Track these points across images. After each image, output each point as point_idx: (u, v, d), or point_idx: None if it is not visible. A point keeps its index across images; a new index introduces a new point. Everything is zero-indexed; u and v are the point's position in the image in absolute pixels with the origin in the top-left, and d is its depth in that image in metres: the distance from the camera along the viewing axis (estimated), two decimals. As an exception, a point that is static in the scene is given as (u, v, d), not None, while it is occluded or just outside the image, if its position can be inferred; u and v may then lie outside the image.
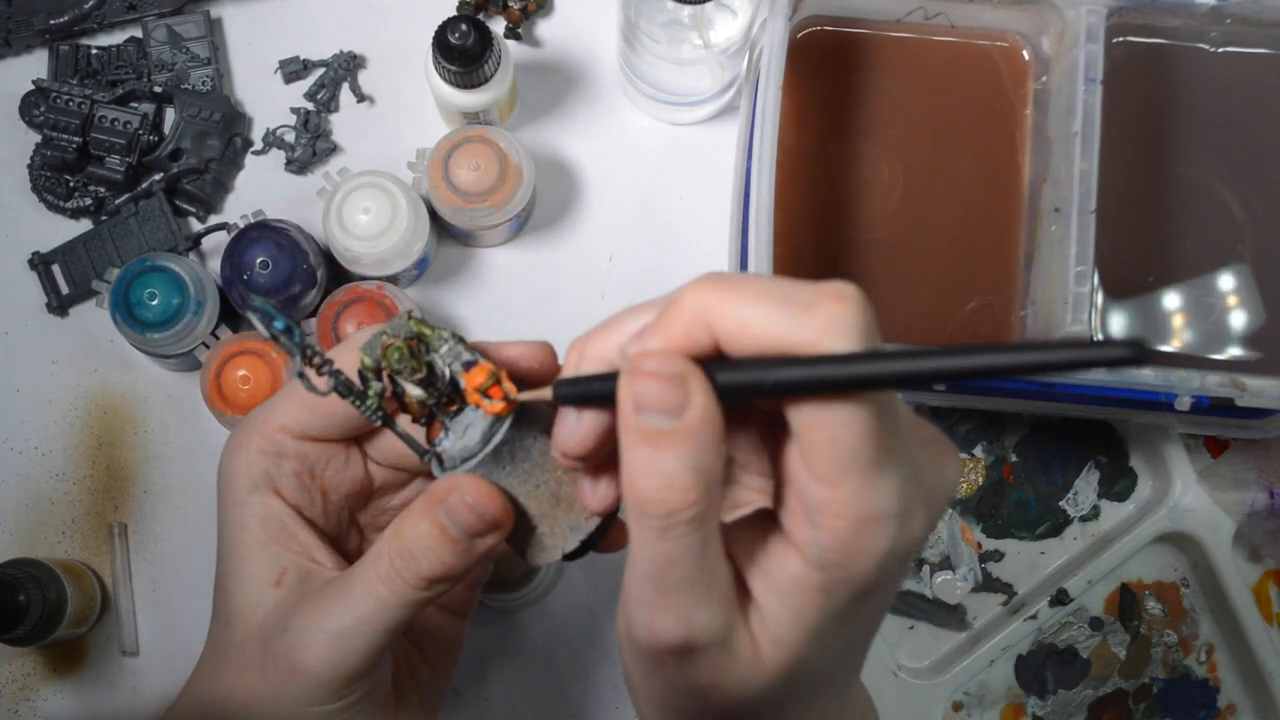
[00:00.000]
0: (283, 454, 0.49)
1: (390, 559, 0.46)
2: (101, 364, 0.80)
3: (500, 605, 0.75)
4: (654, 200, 0.82)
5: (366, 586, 0.46)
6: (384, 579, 0.46)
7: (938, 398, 0.72)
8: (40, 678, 0.78)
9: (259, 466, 0.49)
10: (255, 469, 0.49)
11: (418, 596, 0.46)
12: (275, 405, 0.50)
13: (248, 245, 0.74)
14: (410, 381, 0.46)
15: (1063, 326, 0.70)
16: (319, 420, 0.49)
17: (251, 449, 0.49)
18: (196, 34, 0.81)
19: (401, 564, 0.46)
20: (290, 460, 0.50)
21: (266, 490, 0.49)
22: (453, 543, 0.46)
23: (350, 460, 0.51)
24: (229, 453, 0.50)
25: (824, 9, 0.77)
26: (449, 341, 0.46)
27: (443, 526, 0.45)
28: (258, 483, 0.49)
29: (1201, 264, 0.77)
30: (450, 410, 0.46)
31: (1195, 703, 0.80)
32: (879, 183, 0.78)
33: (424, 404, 0.46)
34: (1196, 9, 0.74)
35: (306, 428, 0.49)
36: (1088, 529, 0.80)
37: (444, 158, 0.75)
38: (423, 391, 0.46)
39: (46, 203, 0.80)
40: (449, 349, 0.46)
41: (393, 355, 0.45)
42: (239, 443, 0.50)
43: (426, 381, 0.46)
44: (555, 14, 0.83)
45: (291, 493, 0.50)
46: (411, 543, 0.46)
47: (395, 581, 0.46)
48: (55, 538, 0.79)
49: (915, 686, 0.76)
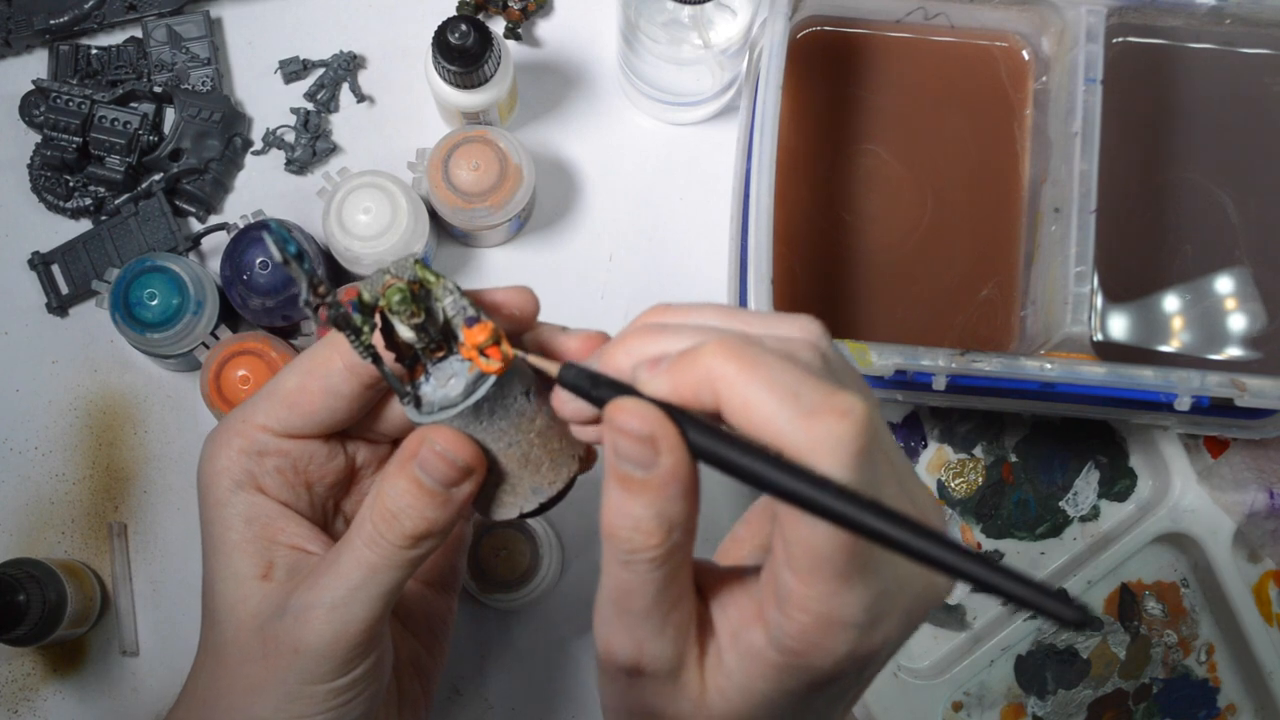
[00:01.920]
0: (265, 452, 0.49)
1: (374, 523, 0.46)
2: (101, 364, 0.80)
3: (500, 605, 0.75)
4: (654, 200, 0.82)
5: (354, 554, 0.46)
6: (370, 543, 0.46)
7: (938, 398, 0.72)
8: (40, 678, 0.78)
9: (241, 466, 0.49)
10: (237, 468, 0.49)
11: (406, 556, 0.46)
12: (256, 404, 0.50)
13: (248, 245, 0.74)
14: (406, 323, 0.45)
15: (1062, 326, 0.70)
16: (301, 417, 0.49)
17: (233, 449, 0.49)
18: (196, 34, 0.81)
19: (385, 526, 0.46)
20: (273, 458, 0.49)
21: (250, 488, 0.49)
22: (430, 495, 0.46)
23: (333, 452, 0.51)
24: (209, 454, 0.50)
25: (824, 9, 0.77)
26: (454, 294, 0.46)
27: (418, 480, 0.46)
28: (240, 482, 0.49)
29: (1201, 263, 0.77)
30: (436, 356, 0.47)
31: (1195, 703, 0.80)
32: (879, 183, 0.78)
33: (411, 346, 0.46)
34: (1196, 9, 0.74)
35: (289, 426, 0.49)
36: (1088, 529, 0.80)
37: (444, 158, 0.75)
38: (414, 335, 0.46)
39: (46, 203, 0.80)
40: (453, 301, 0.46)
41: (393, 295, 0.45)
42: (219, 443, 0.50)
43: (420, 326, 0.46)
44: (555, 14, 0.83)
45: (276, 489, 0.50)
46: (391, 502, 0.46)
47: (381, 544, 0.46)
48: (55, 538, 0.79)
49: (915, 686, 0.76)
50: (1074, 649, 0.80)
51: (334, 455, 0.51)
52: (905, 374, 0.69)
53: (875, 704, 0.75)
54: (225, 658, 0.48)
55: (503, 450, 0.47)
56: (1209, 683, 0.80)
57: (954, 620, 0.79)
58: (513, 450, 0.47)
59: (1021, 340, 0.75)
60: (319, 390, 0.48)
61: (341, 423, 0.50)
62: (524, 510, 0.48)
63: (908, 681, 0.76)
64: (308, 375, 0.48)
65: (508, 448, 0.47)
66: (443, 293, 0.46)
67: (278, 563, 0.49)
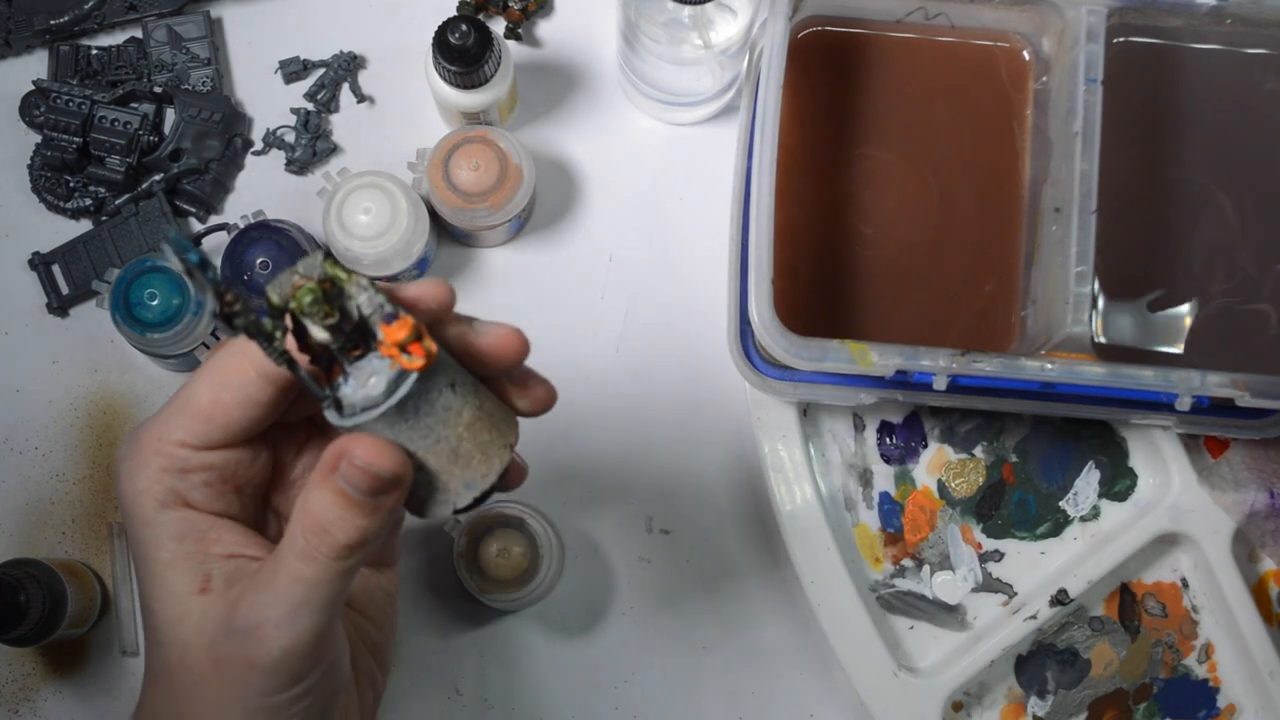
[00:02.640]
0: (188, 469, 0.48)
1: (305, 537, 0.45)
2: (101, 364, 0.80)
3: (500, 605, 0.75)
4: (654, 200, 0.82)
5: (290, 571, 0.45)
6: (304, 558, 0.45)
7: (938, 398, 0.72)
8: (40, 678, 0.78)
9: (164, 485, 0.47)
10: (160, 488, 0.47)
11: (343, 566, 0.45)
12: (169, 420, 0.48)
13: (248, 245, 0.74)
14: (319, 324, 0.44)
15: (1063, 327, 0.70)
16: (220, 430, 0.48)
17: (152, 468, 0.48)
18: (196, 34, 0.81)
19: (317, 540, 0.45)
20: (197, 473, 0.48)
21: (177, 505, 0.48)
22: (358, 505, 0.45)
23: (256, 453, 0.50)
24: (126, 473, 0.48)
25: (824, 9, 0.77)
26: (368, 290, 0.44)
27: (343, 492, 0.45)
28: (165, 501, 0.48)
29: (1201, 263, 0.77)
30: (353, 355, 0.45)
31: (1195, 703, 0.80)
32: (879, 183, 0.78)
33: (326, 347, 0.45)
34: (1196, 9, 0.74)
35: (207, 439, 0.48)
36: (1088, 529, 0.80)
37: (444, 158, 0.75)
38: (329, 335, 0.44)
39: (46, 203, 0.80)
40: (369, 298, 0.44)
41: (304, 296, 0.44)
42: (136, 464, 0.48)
43: (335, 326, 0.44)
44: (555, 14, 0.83)
45: (206, 501, 0.48)
46: (319, 516, 0.45)
47: (316, 558, 0.45)
48: (55, 538, 0.79)
49: (915, 686, 0.76)
50: (1074, 649, 0.80)
51: (258, 455, 0.50)
52: (905, 374, 0.69)
53: (875, 704, 0.75)
54: (177, 682, 0.47)
55: (430, 447, 0.45)
56: (1209, 683, 0.80)
57: (954, 620, 0.79)
58: (441, 446, 0.45)
59: (1022, 340, 0.75)
60: (234, 402, 0.47)
61: (261, 427, 0.49)
62: (457, 506, 0.46)
63: (908, 681, 0.76)
64: (221, 388, 0.47)
65: (435, 444, 0.45)
66: (356, 290, 0.44)
67: (214, 574, 0.47)
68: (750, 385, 0.75)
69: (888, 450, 0.80)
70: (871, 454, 0.80)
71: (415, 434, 0.45)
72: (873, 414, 0.80)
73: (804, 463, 0.76)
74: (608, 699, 0.78)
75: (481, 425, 0.46)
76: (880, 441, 0.80)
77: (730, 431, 0.80)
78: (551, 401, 0.50)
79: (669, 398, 0.80)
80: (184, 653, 0.47)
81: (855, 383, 0.73)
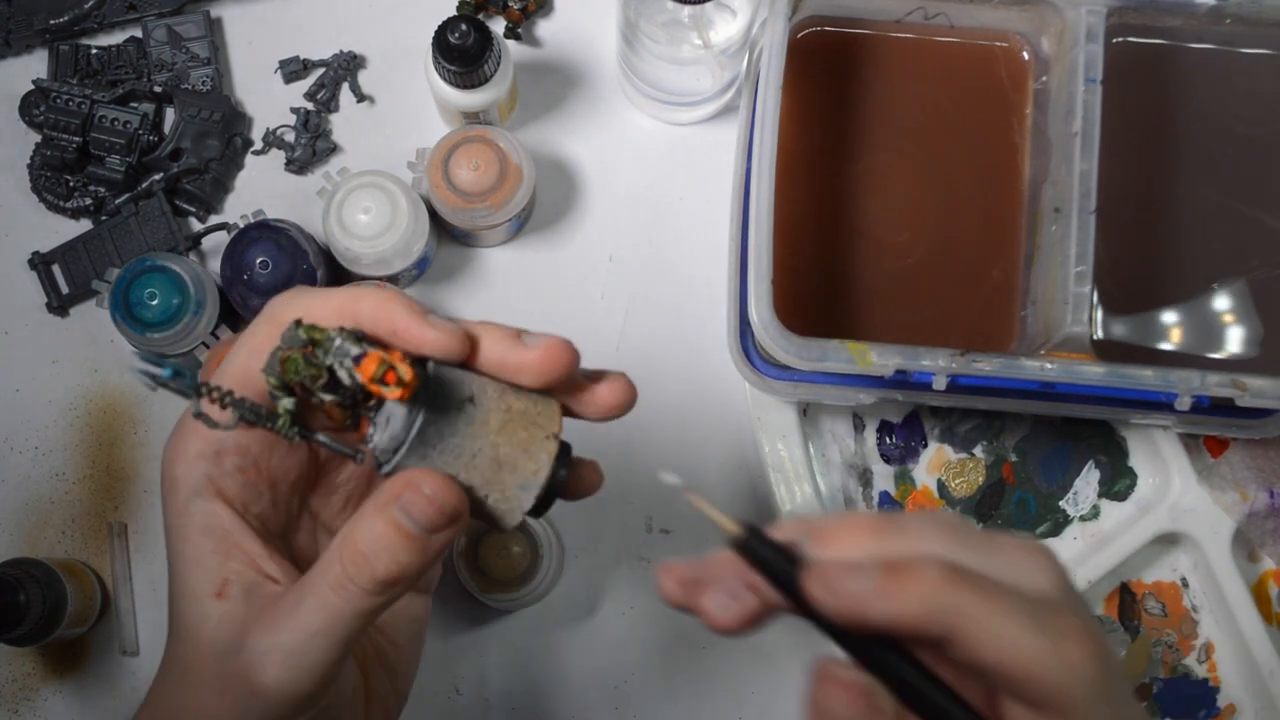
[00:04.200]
0: (222, 451, 0.47)
1: (343, 565, 0.45)
2: (101, 364, 0.80)
3: (500, 605, 0.75)
4: (654, 200, 0.82)
5: (318, 598, 0.45)
6: (336, 587, 0.45)
7: (938, 398, 0.72)
8: (40, 678, 0.78)
9: (199, 470, 0.47)
10: (195, 474, 0.47)
11: (371, 604, 0.45)
12: None
13: (248, 245, 0.74)
14: (318, 389, 0.44)
15: (1063, 327, 0.70)
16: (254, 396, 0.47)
17: (189, 453, 0.47)
18: (196, 34, 0.81)
19: (354, 569, 0.44)
20: (231, 456, 0.47)
21: (209, 496, 0.47)
22: (409, 539, 0.44)
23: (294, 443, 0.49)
24: (168, 459, 0.48)
25: (824, 9, 0.77)
26: (335, 340, 0.44)
27: (398, 524, 0.44)
28: (198, 489, 0.47)
29: (1201, 263, 0.77)
30: (369, 406, 0.45)
31: (1195, 703, 0.80)
32: (879, 182, 0.78)
33: (343, 406, 0.45)
34: (1196, 9, 0.74)
35: None
36: (1088, 529, 0.80)
37: (444, 158, 0.75)
38: (334, 395, 0.45)
39: (46, 203, 0.80)
40: (337, 348, 0.44)
41: (291, 368, 0.44)
42: (177, 448, 0.48)
43: (332, 385, 0.45)
44: (555, 14, 0.83)
45: (237, 491, 0.48)
46: (366, 544, 0.44)
47: (348, 589, 0.45)
48: (55, 538, 0.79)
49: (915, 686, 0.76)
50: (1074, 649, 0.80)
51: (295, 446, 0.49)
52: (905, 374, 0.69)
53: (875, 704, 0.75)
54: (186, 678, 0.47)
55: (469, 464, 0.45)
56: (1209, 683, 0.80)
57: (954, 620, 0.79)
58: (479, 460, 0.46)
59: (1021, 340, 0.75)
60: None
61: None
62: (525, 509, 0.47)
63: (908, 681, 0.76)
64: (251, 356, 0.46)
65: (472, 459, 0.45)
66: (328, 344, 0.45)
67: (233, 580, 0.47)
68: (750, 385, 0.75)
69: (888, 450, 0.80)
70: (871, 454, 0.80)
71: (448, 457, 0.45)
72: (872, 414, 0.80)
73: (804, 462, 0.76)
74: (608, 699, 0.78)
75: (514, 427, 0.46)
76: (880, 441, 0.80)
77: (730, 431, 0.80)
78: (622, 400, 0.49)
79: (669, 398, 0.80)
80: (197, 655, 0.47)
81: (855, 382, 0.73)
